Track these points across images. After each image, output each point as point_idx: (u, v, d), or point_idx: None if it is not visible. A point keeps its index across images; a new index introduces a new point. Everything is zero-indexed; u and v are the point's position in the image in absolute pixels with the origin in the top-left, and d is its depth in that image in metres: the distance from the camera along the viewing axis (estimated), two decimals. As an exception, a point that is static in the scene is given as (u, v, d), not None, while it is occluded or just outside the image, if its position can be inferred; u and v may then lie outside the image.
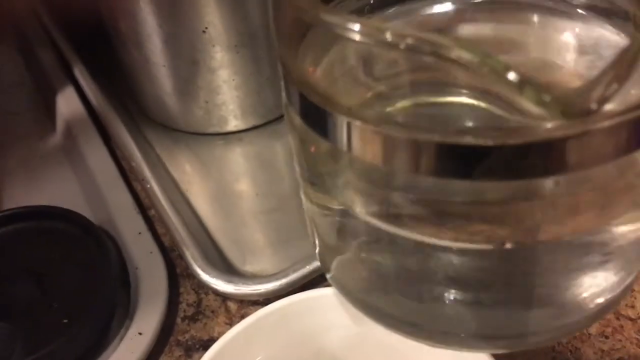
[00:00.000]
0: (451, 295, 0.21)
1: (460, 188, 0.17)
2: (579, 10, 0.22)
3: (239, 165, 0.41)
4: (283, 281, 0.30)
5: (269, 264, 0.34)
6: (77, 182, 0.39)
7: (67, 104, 0.43)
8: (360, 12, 0.23)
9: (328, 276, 0.24)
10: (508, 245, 0.18)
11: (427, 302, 0.22)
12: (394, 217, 0.19)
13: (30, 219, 0.34)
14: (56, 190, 0.39)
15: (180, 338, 0.31)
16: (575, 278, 0.21)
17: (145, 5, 0.35)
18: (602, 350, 0.29)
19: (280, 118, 0.42)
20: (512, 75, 0.13)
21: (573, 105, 0.13)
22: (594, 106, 0.13)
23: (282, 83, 0.20)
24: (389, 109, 0.22)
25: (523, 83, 0.13)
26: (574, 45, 0.23)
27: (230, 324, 0.31)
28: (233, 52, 0.37)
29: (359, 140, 0.18)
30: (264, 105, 0.40)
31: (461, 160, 0.16)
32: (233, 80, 0.38)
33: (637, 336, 0.29)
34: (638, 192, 0.18)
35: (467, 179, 0.17)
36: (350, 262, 0.23)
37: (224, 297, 0.32)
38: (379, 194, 0.19)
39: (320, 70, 0.20)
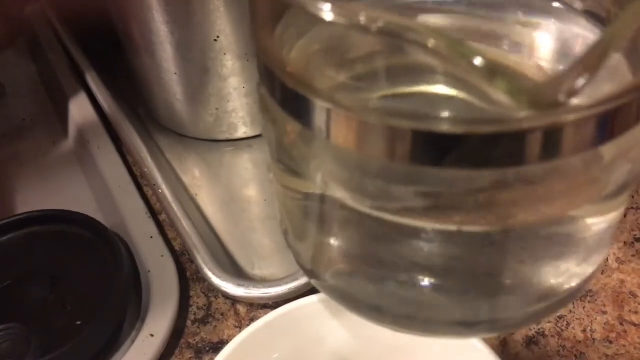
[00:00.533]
0: (417, 279, 0.21)
1: (431, 175, 0.17)
2: (556, 4, 0.22)
3: (248, 171, 0.41)
4: (292, 285, 0.31)
5: (278, 268, 0.34)
6: (89, 187, 0.40)
7: (79, 110, 0.44)
8: None
9: (295, 258, 0.24)
10: (475, 230, 0.18)
11: (392, 285, 0.22)
12: (364, 199, 0.19)
13: (44, 222, 0.35)
14: (69, 195, 0.39)
15: (190, 340, 0.32)
16: (541, 265, 0.21)
17: (158, 13, 0.36)
18: (606, 355, 0.29)
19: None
20: (480, 62, 0.13)
21: (541, 95, 0.13)
22: (561, 98, 0.13)
23: (257, 63, 0.20)
24: (366, 96, 0.22)
25: (492, 71, 0.13)
26: (550, 42, 0.23)
27: (240, 326, 0.32)
28: (243, 60, 0.38)
29: (335, 126, 0.18)
30: (272, 112, 0.41)
31: (432, 147, 0.16)
32: (243, 87, 0.39)
33: (640, 341, 0.29)
34: (602, 185, 0.18)
35: (439, 166, 0.17)
36: (318, 245, 0.23)
37: (234, 300, 0.33)
38: (352, 177, 0.19)
39: (295, 51, 0.20)
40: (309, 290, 0.31)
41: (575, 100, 0.15)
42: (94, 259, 0.33)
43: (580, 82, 0.14)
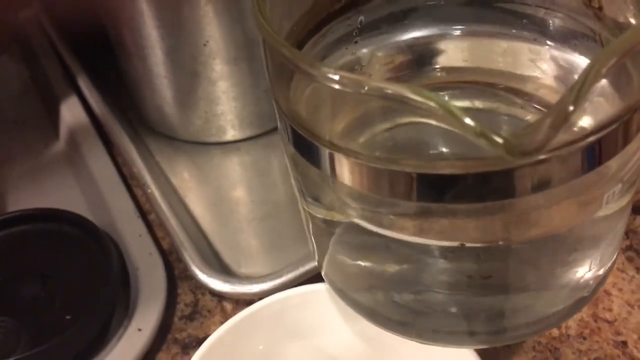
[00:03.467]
0: (438, 295, 0.23)
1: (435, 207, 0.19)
2: (549, 43, 0.24)
3: (236, 174, 0.42)
4: (277, 281, 0.32)
5: (264, 267, 0.35)
6: (80, 188, 0.41)
7: (70, 112, 0.45)
8: (349, 36, 0.25)
9: (323, 273, 0.26)
10: (478, 245, 0.20)
11: (416, 302, 0.23)
12: (382, 226, 0.21)
13: (35, 221, 0.36)
14: (60, 196, 0.40)
15: (177, 336, 0.32)
16: (552, 275, 0.22)
17: (149, 19, 0.37)
18: (580, 351, 0.30)
19: (275, 129, 0.43)
20: (468, 121, 0.15)
21: (516, 148, 0.15)
22: (532, 151, 0.15)
23: (277, 115, 0.22)
24: (370, 134, 0.23)
25: (476, 127, 0.15)
26: (540, 62, 0.25)
27: (226, 323, 0.33)
28: (232, 65, 0.39)
29: (341, 169, 0.20)
30: (260, 116, 0.42)
31: (431, 187, 0.18)
32: (232, 91, 0.40)
33: (613, 337, 0.30)
34: (596, 205, 0.20)
35: (441, 202, 0.19)
36: (343, 265, 0.25)
37: (220, 297, 0.34)
38: (366, 209, 0.21)
39: (303, 102, 0.22)
40: (294, 287, 0.32)
41: (561, 136, 0.16)
42: (84, 257, 0.34)
43: (550, 136, 0.15)
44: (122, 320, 0.32)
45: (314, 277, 0.33)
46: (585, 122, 0.21)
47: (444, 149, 0.23)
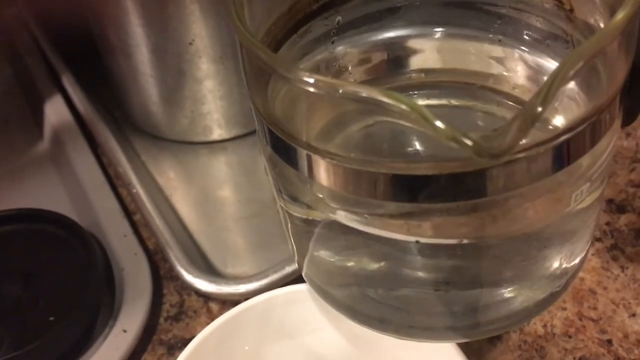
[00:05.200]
0: (414, 291, 0.23)
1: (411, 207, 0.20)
2: (523, 44, 0.25)
3: (222, 173, 0.42)
4: (263, 281, 0.31)
5: (250, 266, 0.35)
6: (64, 188, 0.40)
7: (55, 111, 0.44)
8: (327, 36, 0.25)
9: (303, 273, 0.26)
10: (453, 242, 0.21)
11: (393, 299, 0.24)
12: (360, 223, 0.21)
13: (18, 221, 0.35)
14: (44, 196, 0.40)
15: (163, 337, 0.32)
16: (524, 271, 0.23)
17: (135, 17, 0.37)
18: (566, 349, 0.30)
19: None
20: (439, 124, 0.16)
21: (485, 150, 0.16)
22: (501, 153, 0.16)
23: (254, 117, 0.22)
24: (346, 134, 0.24)
25: (447, 130, 0.16)
26: (514, 62, 0.25)
27: (212, 323, 0.33)
28: (218, 64, 0.39)
29: (318, 170, 0.20)
30: (247, 115, 0.42)
31: (406, 187, 0.19)
32: (218, 90, 0.40)
33: (598, 336, 0.30)
34: (565, 202, 0.20)
35: (414, 202, 0.19)
36: (322, 263, 0.25)
37: (206, 298, 0.33)
38: (343, 208, 0.21)
39: (279, 103, 0.22)
40: (280, 287, 0.32)
41: (530, 136, 0.17)
42: (69, 258, 0.34)
43: (517, 139, 0.16)
44: (107, 321, 0.32)
45: (299, 276, 0.33)
46: (558, 122, 0.22)
47: (419, 148, 0.24)
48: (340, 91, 0.17)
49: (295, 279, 0.32)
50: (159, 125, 0.43)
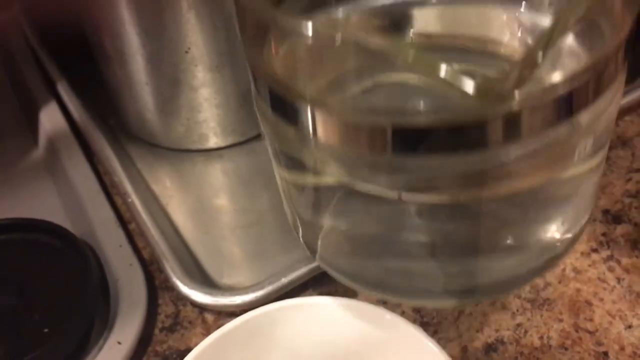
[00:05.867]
0: (414, 253, 0.23)
1: (414, 162, 0.19)
2: (523, 6, 0.25)
3: (219, 181, 0.42)
4: (259, 293, 0.31)
5: (246, 277, 0.35)
6: (59, 196, 0.40)
7: (50, 119, 0.44)
8: (327, 1, 0.25)
9: (302, 240, 0.26)
10: (455, 201, 0.21)
11: (393, 261, 0.24)
12: (361, 184, 0.21)
13: (12, 230, 0.35)
14: (38, 204, 0.39)
15: (158, 348, 0.32)
16: (524, 232, 0.23)
17: (131, 26, 0.36)
18: (562, 361, 0.30)
19: (258, 136, 0.43)
20: (442, 65, 0.16)
21: (488, 92, 0.16)
22: (503, 96, 0.16)
23: (250, 77, 0.22)
24: (344, 95, 0.24)
25: (450, 71, 0.16)
26: (514, 26, 0.25)
27: (207, 335, 0.32)
28: (214, 72, 0.38)
29: (320, 125, 0.20)
30: (243, 123, 0.42)
31: (406, 139, 0.19)
32: (214, 98, 0.40)
33: (594, 348, 0.30)
34: (569, 158, 0.20)
35: (415, 155, 0.19)
36: (325, 232, 0.25)
37: (202, 308, 0.33)
38: (345, 167, 0.21)
39: (279, 60, 0.22)
40: (276, 299, 0.32)
41: (531, 88, 0.17)
42: (63, 268, 0.33)
43: (522, 80, 0.16)
44: (101, 333, 0.31)
45: (296, 287, 0.33)
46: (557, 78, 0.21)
47: (420, 107, 0.24)
48: (340, 36, 0.17)
49: (292, 289, 0.32)
50: (154, 133, 0.42)
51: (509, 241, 0.23)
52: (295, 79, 0.21)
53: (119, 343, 0.31)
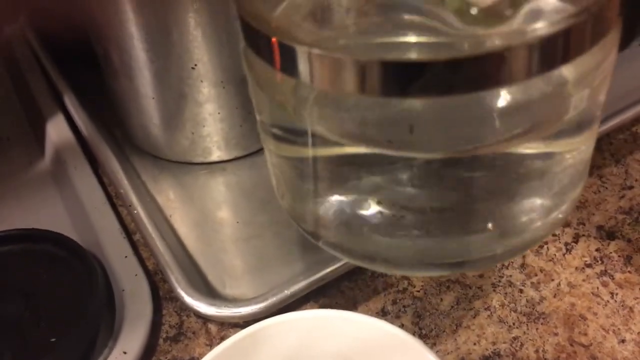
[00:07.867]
0: (401, 222, 0.23)
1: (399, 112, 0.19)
2: None
3: (221, 194, 0.43)
4: (262, 305, 0.32)
5: (249, 288, 0.35)
6: (65, 207, 0.41)
7: (56, 131, 0.45)
8: None
9: (296, 222, 0.26)
10: (446, 157, 0.20)
11: (385, 231, 0.24)
12: (345, 136, 0.20)
13: (20, 241, 0.36)
14: (45, 215, 0.40)
15: (162, 358, 0.33)
16: (514, 201, 0.23)
17: (139, 42, 0.37)
18: (557, 374, 0.31)
19: (260, 150, 0.44)
20: None
21: (491, 11, 0.15)
22: (508, 12, 0.15)
23: (241, 30, 0.21)
24: (338, 30, 0.23)
25: None
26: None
27: (211, 345, 0.33)
28: (219, 87, 0.39)
29: (316, 68, 0.19)
30: (246, 137, 0.42)
31: (397, 76, 0.17)
32: (218, 113, 0.40)
33: (588, 362, 0.31)
34: (565, 108, 0.20)
35: (406, 96, 0.18)
36: (314, 204, 0.25)
37: (205, 319, 0.34)
38: (337, 118, 0.20)
39: (279, 11, 0.21)
40: (278, 310, 0.32)
41: (531, 25, 0.16)
42: (69, 278, 0.34)
43: None
44: (106, 342, 0.32)
45: (299, 299, 0.33)
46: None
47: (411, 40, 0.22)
48: None
49: (295, 301, 0.33)
50: (159, 146, 0.43)
51: (499, 210, 0.22)
52: (293, 26, 0.20)
53: (125, 353, 0.31)
